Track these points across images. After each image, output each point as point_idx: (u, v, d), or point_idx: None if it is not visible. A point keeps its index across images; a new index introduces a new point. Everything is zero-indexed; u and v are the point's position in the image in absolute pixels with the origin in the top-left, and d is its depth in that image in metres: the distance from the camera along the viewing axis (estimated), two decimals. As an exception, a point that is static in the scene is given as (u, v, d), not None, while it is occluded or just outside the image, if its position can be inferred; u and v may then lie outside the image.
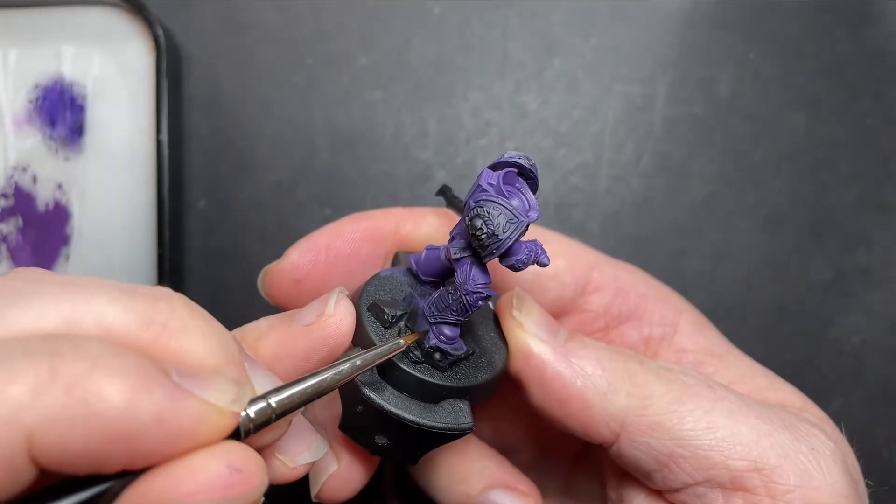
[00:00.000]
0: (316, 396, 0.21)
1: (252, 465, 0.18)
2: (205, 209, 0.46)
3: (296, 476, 0.23)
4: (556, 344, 0.26)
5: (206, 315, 0.20)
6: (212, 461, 0.18)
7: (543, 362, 0.26)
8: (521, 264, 0.23)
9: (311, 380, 0.21)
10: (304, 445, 0.23)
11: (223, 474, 0.17)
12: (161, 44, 0.43)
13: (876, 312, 0.46)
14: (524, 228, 0.23)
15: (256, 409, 0.19)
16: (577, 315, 0.33)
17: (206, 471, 0.17)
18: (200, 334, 0.19)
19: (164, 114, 0.43)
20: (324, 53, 0.47)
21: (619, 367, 0.26)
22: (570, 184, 0.47)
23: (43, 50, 0.43)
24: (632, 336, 0.32)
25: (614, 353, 0.27)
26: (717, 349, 0.31)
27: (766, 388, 0.30)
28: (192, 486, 0.17)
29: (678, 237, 0.46)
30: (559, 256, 0.33)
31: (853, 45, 0.47)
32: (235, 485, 0.18)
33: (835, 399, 0.46)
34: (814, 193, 0.46)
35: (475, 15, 0.47)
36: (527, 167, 0.23)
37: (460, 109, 0.47)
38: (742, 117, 0.47)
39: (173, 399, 0.17)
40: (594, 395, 0.25)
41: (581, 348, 0.26)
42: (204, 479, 0.17)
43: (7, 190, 0.44)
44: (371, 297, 0.26)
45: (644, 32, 0.47)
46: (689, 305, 0.33)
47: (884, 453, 0.46)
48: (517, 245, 0.23)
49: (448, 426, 0.24)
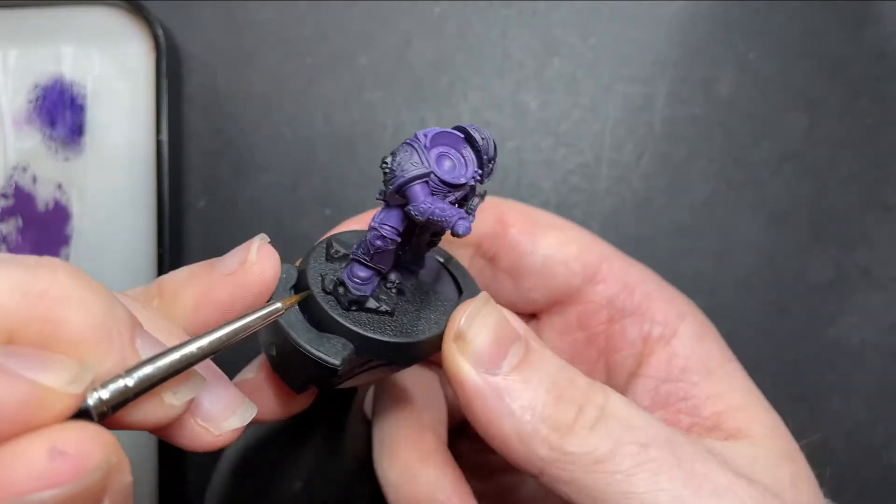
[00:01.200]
0: (184, 368, 0.19)
1: (85, 447, 0.16)
2: (205, 209, 0.46)
3: (223, 442, 0.22)
4: (492, 379, 0.24)
5: (91, 284, 0.19)
6: (31, 447, 0.16)
7: (471, 395, 0.24)
8: (417, 213, 0.23)
9: (181, 349, 0.19)
10: (228, 410, 0.22)
11: (41, 461, 0.16)
12: (161, 44, 0.43)
13: (876, 312, 0.46)
14: (423, 175, 0.23)
15: (111, 389, 0.18)
16: (581, 304, 0.33)
17: (24, 459, 0.16)
18: (82, 304, 0.18)
19: (164, 114, 0.43)
20: (324, 53, 0.47)
21: (551, 413, 0.24)
22: (570, 184, 0.47)
23: (43, 50, 0.43)
24: (632, 331, 0.32)
25: (555, 393, 0.24)
26: (710, 361, 0.30)
27: (737, 409, 0.29)
28: (9, 477, 0.16)
29: (678, 237, 0.46)
30: (572, 243, 0.33)
31: (853, 45, 0.47)
32: (59, 471, 0.16)
33: (835, 399, 0.46)
34: (814, 193, 0.46)
35: (475, 15, 0.47)
36: (472, 134, 0.24)
37: (460, 109, 0.47)
38: (742, 117, 0.47)
39: None
40: (516, 440, 0.24)
41: (521, 384, 0.24)
42: (22, 468, 0.16)
43: (7, 190, 0.44)
44: (329, 240, 0.27)
45: (644, 32, 0.47)
46: (695, 311, 0.32)
47: (884, 453, 0.46)
48: (416, 193, 0.23)
49: (314, 351, 0.24)
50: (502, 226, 0.33)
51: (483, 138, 0.24)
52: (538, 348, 0.25)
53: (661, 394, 0.30)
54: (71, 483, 0.16)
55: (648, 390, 0.31)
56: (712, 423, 0.29)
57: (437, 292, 0.28)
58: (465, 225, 0.22)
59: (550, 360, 0.25)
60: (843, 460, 0.46)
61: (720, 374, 0.30)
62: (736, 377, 0.30)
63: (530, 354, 0.25)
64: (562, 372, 0.25)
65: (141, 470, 0.43)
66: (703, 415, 0.29)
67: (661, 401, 0.30)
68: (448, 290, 0.29)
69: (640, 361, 0.32)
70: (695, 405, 0.29)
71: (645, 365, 0.31)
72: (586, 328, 0.34)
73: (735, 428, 0.28)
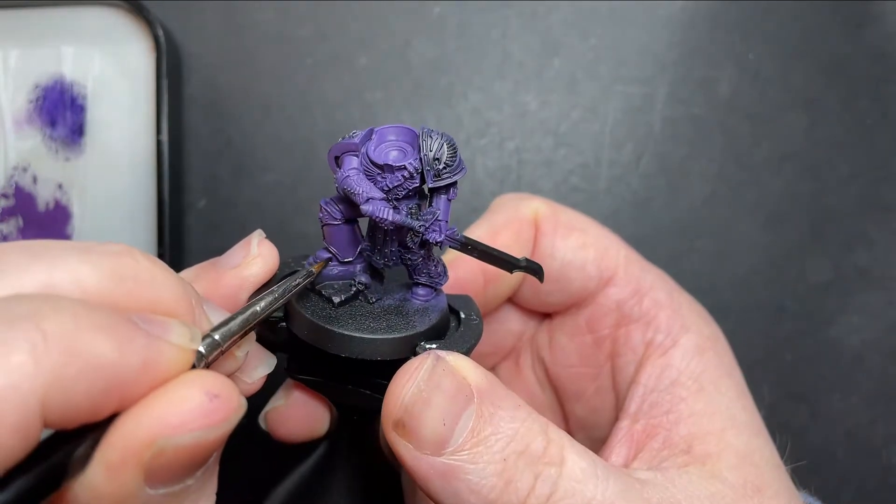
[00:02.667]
0: (254, 321, 0.22)
1: (227, 390, 0.19)
2: (205, 209, 0.46)
3: (254, 389, 0.25)
4: (436, 461, 0.23)
5: (165, 266, 0.21)
6: (191, 391, 0.18)
7: (417, 477, 0.23)
8: (336, 180, 0.25)
9: (246, 311, 0.22)
10: (257, 361, 0.25)
11: (203, 402, 0.18)
12: (161, 44, 0.43)
13: (876, 312, 0.46)
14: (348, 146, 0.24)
15: (206, 344, 0.20)
16: (591, 307, 0.34)
17: (189, 401, 0.18)
18: (168, 284, 0.20)
19: (164, 114, 0.43)
20: (324, 53, 0.47)
21: (496, 497, 0.23)
22: (570, 184, 0.47)
23: (43, 50, 0.43)
24: (636, 337, 0.32)
25: (506, 477, 0.23)
26: (704, 376, 0.30)
27: (713, 433, 0.28)
28: (178, 418, 0.18)
29: (678, 237, 0.46)
30: (590, 247, 0.33)
31: (853, 45, 0.47)
32: (217, 410, 0.18)
33: (834, 399, 0.46)
34: (814, 193, 0.46)
35: (475, 15, 0.47)
36: (420, 136, 0.25)
37: (460, 109, 0.47)
38: (742, 117, 0.47)
39: (150, 344, 0.18)
40: None
41: (469, 465, 0.23)
42: (189, 408, 0.18)
43: (7, 190, 0.44)
44: None
45: (644, 32, 0.47)
46: (701, 323, 0.32)
47: (883, 453, 0.46)
48: (344, 163, 0.25)
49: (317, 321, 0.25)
50: (535, 229, 0.34)
51: (430, 141, 0.24)
52: (491, 412, 0.23)
53: (648, 403, 0.30)
54: (223, 423, 0.18)
55: (637, 397, 0.31)
56: (686, 444, 0.28)
57: (408, 314, 0.27)
58: (373, 204, 0.23)
59: (504, 425, 0.23)
60: (843, 460, 0.46)
61: (710, 391, 0.30)
62: (726, 396, 0.30)
63: (481, 425, 0.23)
64: (515, 441, 0.23)
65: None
66: (679, 433, 0.28)
67: (645, 410, 0.30)
68: (430, 316, 0.27)
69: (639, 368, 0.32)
70: (675, 420, 0.29)
71: (641, 372, 0.31)
72: (594, 331, 0.34)
73: (705, 454, 0.27)
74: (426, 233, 0.25)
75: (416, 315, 0.26)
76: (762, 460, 0.28)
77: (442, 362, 0.24)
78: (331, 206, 0.26)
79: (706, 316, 0.33)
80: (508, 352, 0.38)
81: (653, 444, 0.29)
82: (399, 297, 0.27)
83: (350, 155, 0.25)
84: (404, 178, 0.24)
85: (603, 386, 0.34)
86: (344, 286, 0.27)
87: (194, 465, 0.19)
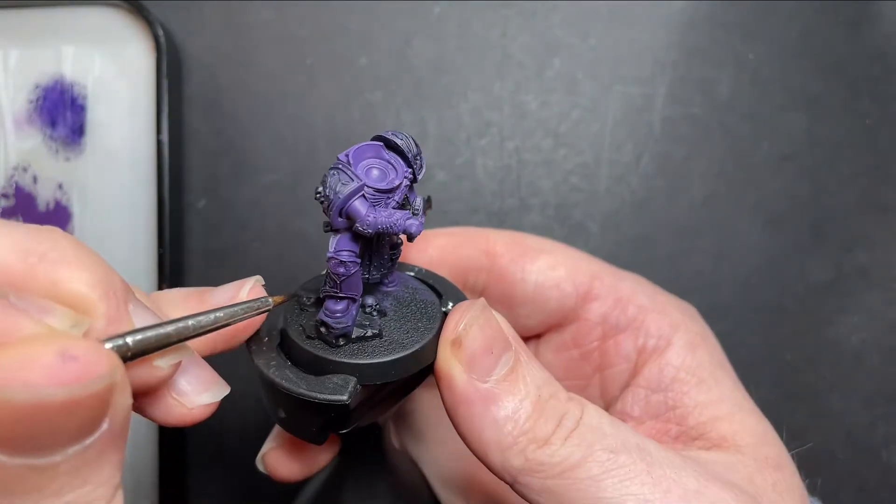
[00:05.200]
0: (177, 340, 0.21)
1: (93, 356, 0.17)
2: (205, 209, 0.46)
3: (196, 417, 0.23)
4: (481, 386, 0.25)
5: (89, 251, 0.20)
6: (44, 348, 0.17)
7: (459, 399, 0.25)
8: (365, 227, 0.23)
9: (170, 325, 0.21)
10: (202, 387, 0.23)
11: (53, 361, 0.17)
12: (161, 44, 0.43)
13: (875, 312, 0.46)
14: (357, 190, 0.23)
15: (112, 345, 0.19)
16: (575, 324, 0.34)
17: (38, 357, 0.17)
18: (80, 266, 0.19)
19: (164, 114, 0.43)
20: (324, 53, 0.47)
21: (532, 426, 0.25)
22: (570, 184, 0.47)
23: (43, 50, 0.43)
24: (627, 345, 0.32)
25: (539, 407, 0.25)
26: (701, 369, 0.31)
27: (723, 418, 0.29)
28: (23, 372, 0.17)
29: (678, 237, 0.46)
30: (560, 266, 0.33)
31: (853, 45, 0.47)
32: (69, 371, 0.17)
33: (834, 399, 0.46)
34: (814, 193, 0.46)
35: (475, 15, 0.47)
36: (390, 139, 0.24)
37: (460, 109, 0.47)
38: (742, 117, 0.47)
39: (6, 316, 0.17)
40: (495, 448, 0.25)
41: (508, 394, 0.25)
42: (36, 365, 0.17)
43: (8, 190, 0.44)
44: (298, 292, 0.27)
45: (644, 32, 0.47)
46: (689, 319, 0.33)
47: (883, 453, 0.46)
48: (357, 209, 0.23)
49: (318, 395, 0.24)
50: (490, 257, 0.34)
51: (401, 139, 0.24)
52: (527, 360, 0.26)
53: (652, 403, 0.31)
54: (79, 384, 0.17)
55: (640, 400, 0.31)
56: (698, 433, 0.29)
57: (419, 301, 0.28)
58: (415, 224, 0.23)
59: (537, 372, 0.26)
60: (843, 460, 0.46)
61: (710, 382, 0.30)
62: (725, 385, 0.30)
63: (519, 366, 0.26)
64: (546, 385, 0.26)
65: (141, 470, 0.44)
66: (689, 424, 0.29)
67: (651, 410, 0.31)
68: (428, 297, 0.29)
69: (635, 373, 0.32)
70: (683, 414, 0.30)
71: (639, 376, 0.32)
72: (581, 346, 0.34)
73: (720, 437, 0.28)
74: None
75: (421, 300, 0.28)
76: (775, 440, 0.29)
77: (489, 307, 0.26)
78: (349, 256, 0.25)
79: (691, 312, 0.33)
80: None
81: (665, 440, 0.29)
82: (383, 299, 0.28)
83: (355, 200, 0.24)
84: (406, 186, 0.25)
85: (591, 397, 0.34)
86: (367, 319, 0.27)
87: (53, 433, 0.17)
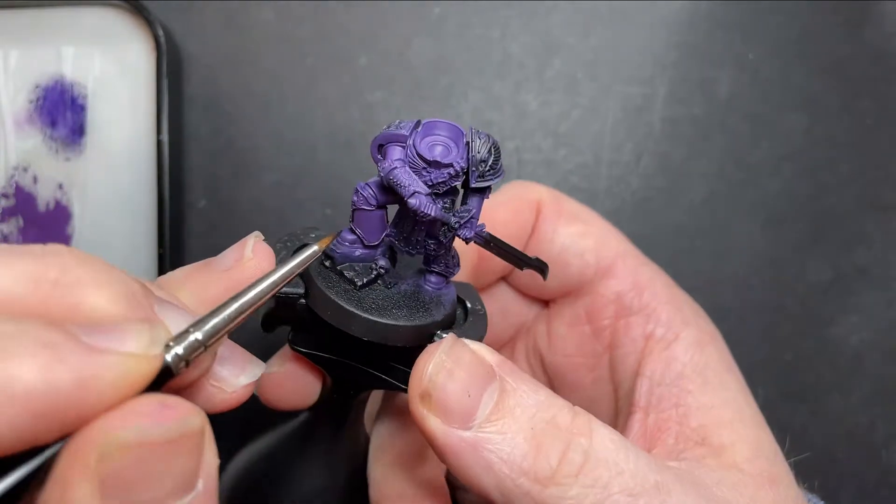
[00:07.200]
0: (239, 316, 0.20)
1: (186, 407, 0.17)
2: (205, 209, 0.46)
3: (237, 400, 0.23)
4: (465, 434, 0.22)
5: (100, 263, 0.19)
6: (144, 399, 0.17)
7: (445, 452, 0.23)
8: (381, 170, 0.24)
9: (232, 304, 0.20)
10: (239, 369, 0.23)
11: (156, 409, 0.17)
12: (161, 44, 0.43)
13: (875, 312, 0.46)
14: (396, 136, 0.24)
15: (184, 345, 0.19)
16: (591, 297, 0.34)
17: (140, 405, 0.17)
18: (96, 284, 0.18)
19: (164, 114, 0.43)
20: (324, 53, 0.47)
21: (531, 465, 0.22)
22: (571, 184, 0.47)
23: (43, 50, 0.43)
24: (636, 330, 0.32)
25: (535, 442, 0.23)
26: (707, 370, 0.30)
27: (724, 424, 0.28)
28: (121, 418, 0.16)
29: (678, 237, 0.46)
30: (590, 236, 0.34)
31: (853, 45, 0.47)
32: (166, 414, 0.17)
33: (834, 399, 0.46)
34: (814, 193, 0.46)
35: (475, 15, 0.47)
36: (467, 132, 0.25)
37: (460, 109, 0.47)
38: (742, 117, 0.47)
39: (89, 361, 0.16)
40: (496, 492, 0.23)
41: (497, 435, 0.23)
42: (139, 408, 0.17)
43: (8, 190, 0.44)
44: None
45: (644, 32, 0.47)
46: (702, 321, 0.32)
47: (883, 453, 0.46)
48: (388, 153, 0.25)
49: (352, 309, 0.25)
50: (536, 213, 0.34)
51: (476, 140, 0.24)
52: (514, 385, 0.24)
53: (656, 396, 0.30)
54: (176, 422, 0.17)
55: (644, 390, 0.31)
56: (699, 437, 0.28)
57: (420, 300, 0.28)
58: (418, 199, 0.23)
59: (528, 396, 0.24)
60: (843, 460, 0.46)
61: (715, 384, 0.30)
62: (730, 389, 0.30)
63: (505, 397, 0.23)
64: (542, 410, 0.23)
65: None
66: (690, 425, 0.29)
67: (654, 403, 0.30)
68: (436, 310, 0.28)
69: (641, 360, 0.32)
70: (685, 413, 0.29)
71: (644, 364, 0.31)
72: (594, 321, 0.34)
73: (720, 444, 0.28)
74: (459, 229, 0.25)
75: (433, 304, 0.27)
76: (772, 453, 0.28)
77: (460, 341, 0.24)
78: (367, 192, 0.26)
79: (703, 314, 0.33)
80: (505, 342, 0.38)
81: (667, 439, 0.29)
82: (412, 283, 0.28)
83: (395, 145, 0.24)
84: (450, 175, 0.24)
85: (601, 377, 0.34)
86: (365, 269, 0.27)
87: (155, 475, 0.17)
